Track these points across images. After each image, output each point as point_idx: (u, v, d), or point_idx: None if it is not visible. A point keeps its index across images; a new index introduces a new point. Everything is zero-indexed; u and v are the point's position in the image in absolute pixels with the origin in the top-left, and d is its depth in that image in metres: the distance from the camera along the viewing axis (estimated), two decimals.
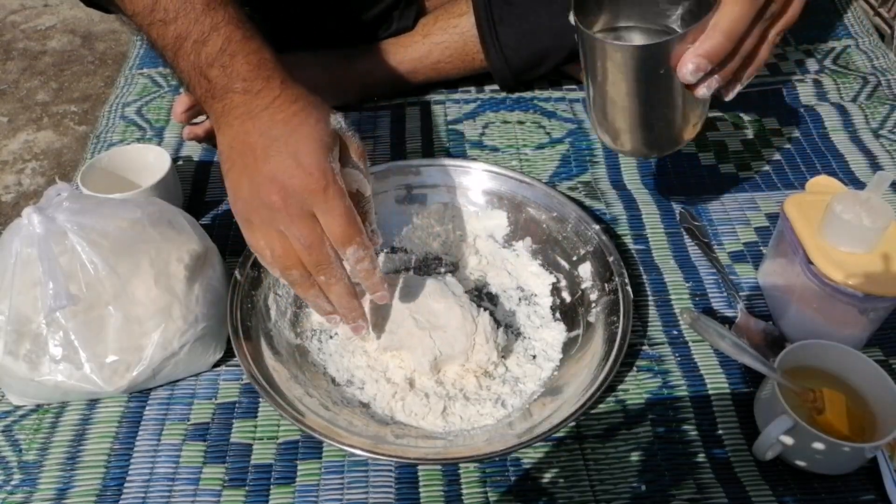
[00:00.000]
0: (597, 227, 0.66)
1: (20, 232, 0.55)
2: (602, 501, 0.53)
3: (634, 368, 0.61)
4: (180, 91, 0.84)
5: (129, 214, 0.59)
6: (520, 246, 0.70)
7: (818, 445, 0.50)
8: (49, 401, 0.59)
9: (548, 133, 0.85)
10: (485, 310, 0.61)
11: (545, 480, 0.54)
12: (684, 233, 0.72)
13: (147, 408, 0.59)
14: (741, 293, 0.66)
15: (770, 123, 0.85)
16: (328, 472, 0.55)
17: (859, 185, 0.76)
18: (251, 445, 0.56)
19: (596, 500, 0.53)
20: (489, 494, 0.53)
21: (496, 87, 0.91)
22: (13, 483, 0.55)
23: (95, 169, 0.72)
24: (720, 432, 0.56)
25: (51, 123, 1.50)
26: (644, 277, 0.68)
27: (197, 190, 0.79)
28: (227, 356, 0.62)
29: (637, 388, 0.59)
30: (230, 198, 0.53)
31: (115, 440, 0.57)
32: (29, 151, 1.43)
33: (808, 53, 0.96)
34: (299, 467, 0.55)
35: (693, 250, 0.71)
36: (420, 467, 0.55)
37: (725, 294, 0.66)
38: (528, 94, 0.91)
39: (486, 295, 0.68)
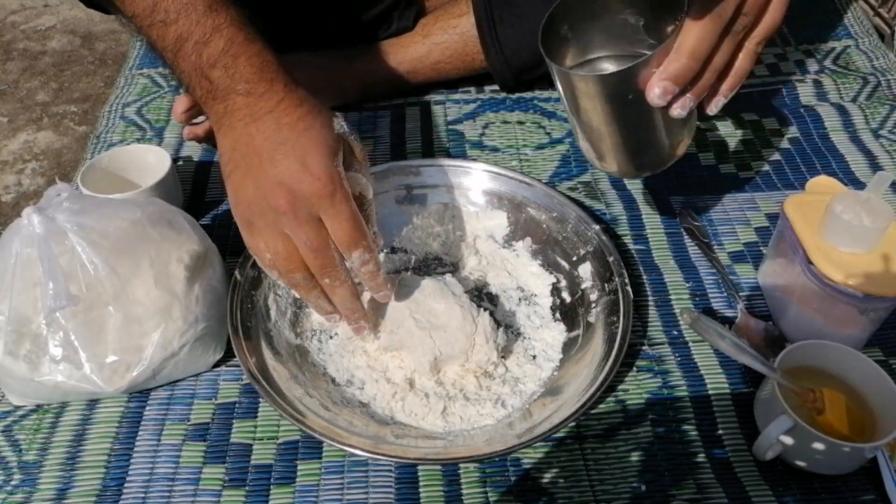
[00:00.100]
0: (597, 227, 0.66)
1: (20, 232, 0.55)
2: (602, 501, 0.53)
3: (634, 368, 0.61)
4: (180, 91, 0.84)
5: (129, 214, 0.59)
6: (520, 246, 0.70)
7: (818, 445, 0.50)
8: (49, 401, 0.59)
9: (548, 133, 0.85)
10: (485, 310, 0.61)
11: (545, 480, 0.54)
12: (684, 233, 0.72)
13: (147, 408, 0.59)
14: (741, 293, 0.66)
15: (770, 123, 0.85)
16: (328, 473, 0.55)
17: (859, 185, 0.76)
18: (251, 445, 0.56)
19: (596, 500, 0.53)
20: (489, 494, 0.53)
21: (496, 88, 0.91)
22: (13, 483, 0.55)
23: (95, 169, 0.72)
24: (720, 432, 0.56)
25: (51, 123, 1.50)
26: (644, 277, 0.68)
27: (197, 190, 0.79)
28: (227, 356, 0.62)
29: (637, 388, 0.59)
30: (231, 200, 0.53)
31: (115, 440, 0.57)
32: (29, 152, 1.43)
33: (808, 53, 0.96)
34: (299, 467, 0.55)
35: (693, 250, 0.71)
36: (420, 467, 0.55)
37: (725, 294, 0.66)
38: (528, 95, 0.91)
39: (486, 295, 0.68)
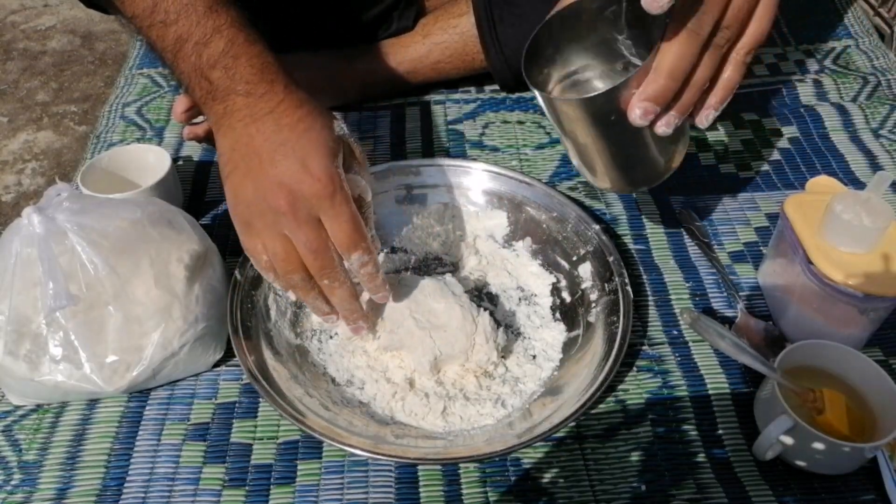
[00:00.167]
0: (597, 227, 0.66)
1: (20, 232, 0.55)
2: (602, 501, 0.53)
3: (634, 368, 0.61)
4: (180, 91, 0.84)
5: (129, 214, 0.59)
6: (520, 246, 0.70)
7: (818, 445, 0.50)
8: (49, 401, 0.59)
9: (548, 133, 0.85)
10: (485, 310, 0.61)
11: (545, 480, 0.54)
12: (684, 233, 0.72)
13: (147, 408, 0.59)
14: (741, 293, 0.66)
15: (770, 123, 0.85)
16: (328, 472, 0.55)
17: (859, 185, 0.76)
18: (251, 445, 0.56)
19: (596, 500, 0.53)
20: (489, 494, 0.53)
21: (496, 87, 0.91)
22: (13, 483, 0.55)
23: (95, 169, 0.72)
24: (720, 432, 0.56)
25: (51, 123, 1.50)
26: (644, 277, 0.68)
27: (197, 190, 0.79)
28: (227, 356, 0.62)
29: (637, 388, 0.59)
30: (230, 200, 0.53)
31: (115, 440, 0.57)
32: (29, 151, 1.43)
33: (808, 53, 0.96)
34: (299, 467, 0.55)
35: (693, 250, 0.71)
36: (420, 467, 0.55)
37: (725, 294, 0.66)
38: (528, 94, 0.90)
39: (486, 295, 0.68)
